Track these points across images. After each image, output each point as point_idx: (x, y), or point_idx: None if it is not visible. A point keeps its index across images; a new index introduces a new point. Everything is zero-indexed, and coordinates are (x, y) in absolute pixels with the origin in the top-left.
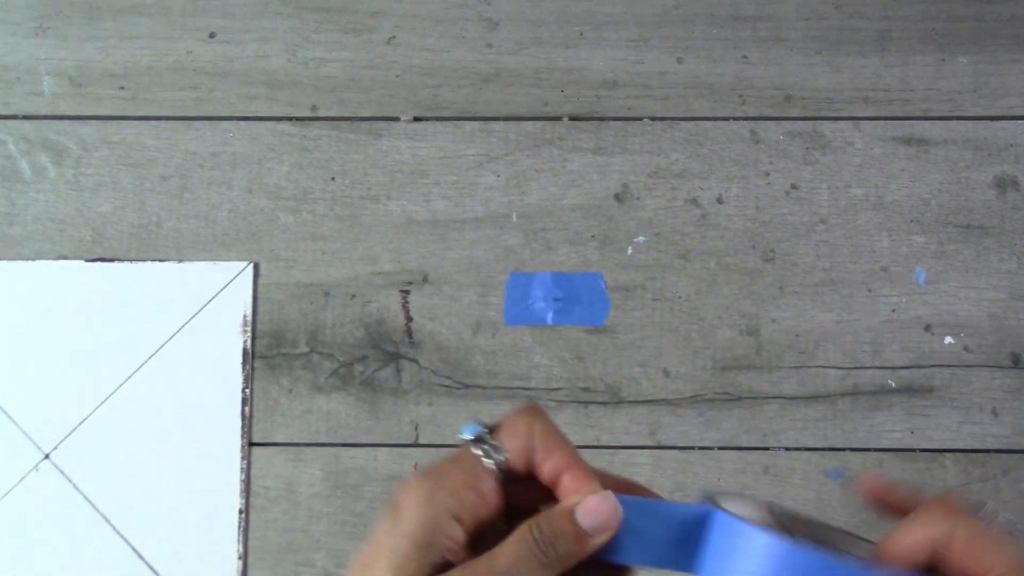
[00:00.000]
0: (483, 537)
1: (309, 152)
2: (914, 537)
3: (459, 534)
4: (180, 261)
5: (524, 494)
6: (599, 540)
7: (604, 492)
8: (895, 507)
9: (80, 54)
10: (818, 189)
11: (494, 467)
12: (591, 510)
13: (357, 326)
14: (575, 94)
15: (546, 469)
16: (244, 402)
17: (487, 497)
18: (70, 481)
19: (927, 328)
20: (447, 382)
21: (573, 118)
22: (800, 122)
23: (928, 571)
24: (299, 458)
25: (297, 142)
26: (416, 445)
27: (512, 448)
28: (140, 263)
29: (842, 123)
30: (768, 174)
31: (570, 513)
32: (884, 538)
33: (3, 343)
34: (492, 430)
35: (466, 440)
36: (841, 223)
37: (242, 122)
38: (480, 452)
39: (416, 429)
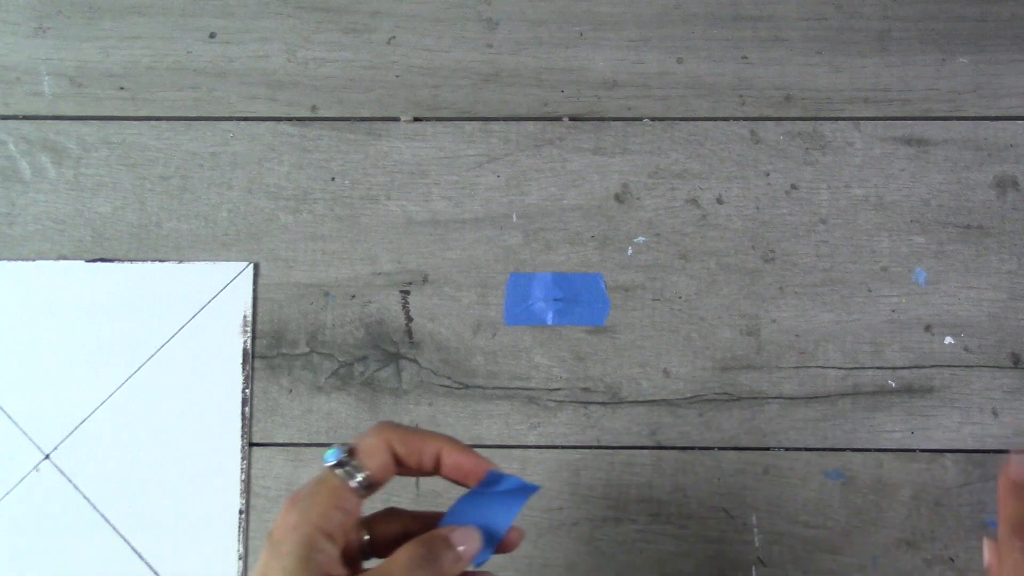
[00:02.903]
0: (353, 553)
1: (309, 152)
2: None
3: (332, 550)
4: (180, 261)
5: (384, 526)
6: (470, 560)
7: (467, 527)
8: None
9: (80, 54)
10: (818, 189)
11: (358, 486)
12: (460, 540)
13: (357, 326)
14: (575, 94)
15: (428, 462)
16: (244, 402)
17: (352, 513)
18: (70, 481)
19: (927, 328)
20: (447, 382)
21: (573, 118)
22: (800, 122)
23: None
24: (299, 458)
25: (297, 142)
26: None
27: (372, 465)
28: (140, 263)
29: (842, 123)
30: (768, 174)
31: (446, 538)
32: None
33: (3, 343)
34: (352, 452)
35: (329, 465)
36: (841, 223)
37: (242, 122)
38: (342, 473)
39: None
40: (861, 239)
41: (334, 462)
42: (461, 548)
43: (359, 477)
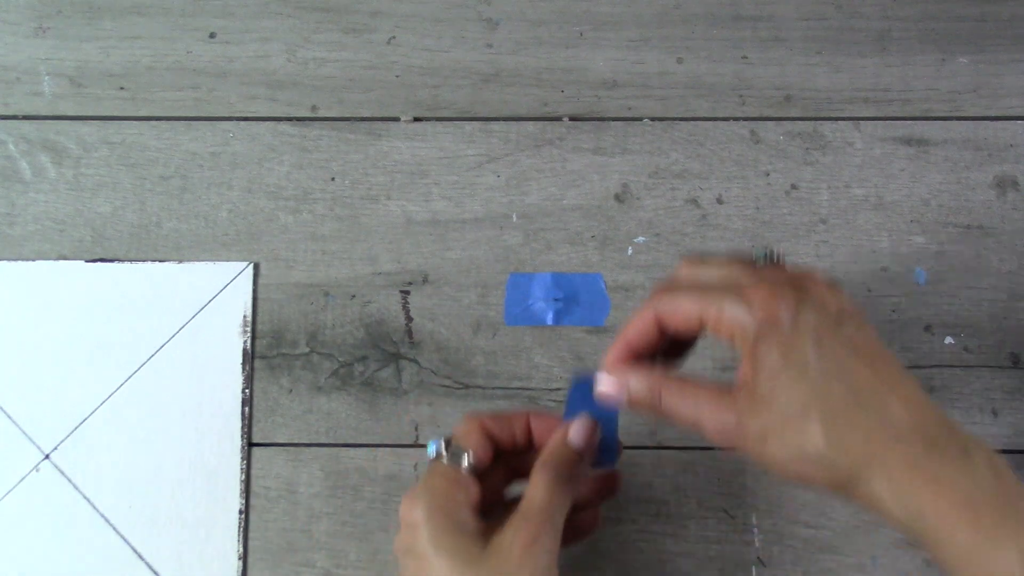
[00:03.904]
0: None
1: (309, 152)
2: (684, 314)
3: (470, 520)
4: (180, 261)
5: (491, 482)
6: (588, 454)
7: (576, 421)
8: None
9: (80, 54)
10: (818, 189)
11: (467, 466)
12: (575, 432)
13: (357, 326)
14: (575, 94)
15: (520, 435)
16: (244, 402)
17: (471, 492)
18: (70, 481)
19: (927, 328)
20: (447, 382)
21: (573, 118)
22: (800, 122)
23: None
24: (299, 458)
25: (297, 142)
26: (416, 445)
27: (472, 445)
28: (140, 263)
29: (842, 123)
30: (768, 174)
31: (563, 439)
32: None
33: (3, 343)
34: (448, 441)
35: (433, 457)
36: (841, 223)
37: (242, 122)
38: (448, 459)
39: (416, 429)
40: (861, 239)
41: (436, 453)
42: (575, 440)
43: (464, 459)
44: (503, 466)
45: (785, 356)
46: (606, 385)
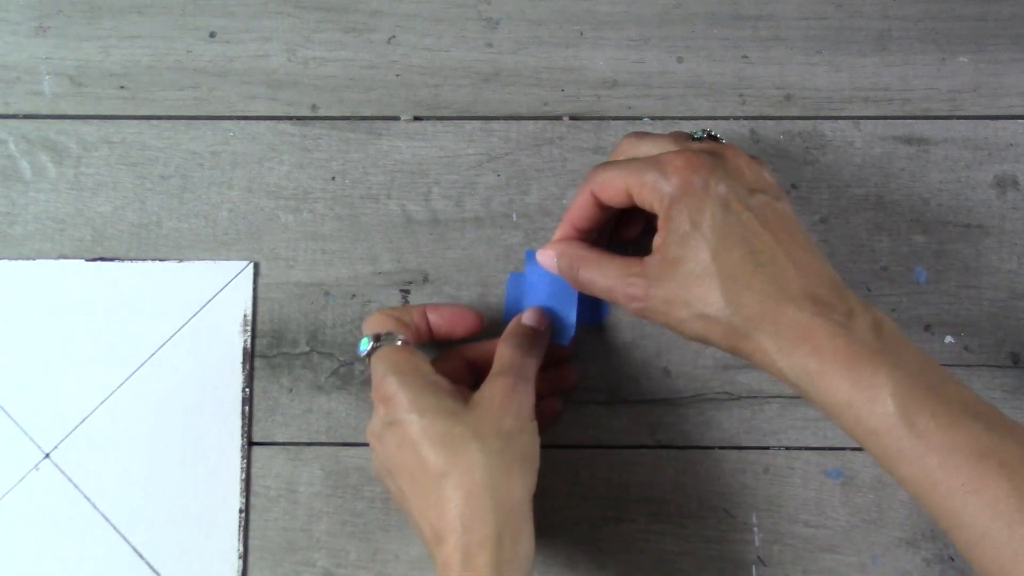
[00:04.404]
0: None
1: (309, 152)
2: (614, 188)
3: (442, 380)
4: (180, 261)
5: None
6: (543, 331)
7: (530, 310)
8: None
9: (80, 53)
10: (818, 189)
11: (404, 341)
12: (527, 316)
13: (358, 325)
14: (575, 94)
15: (419, 322)
16: (244, 402)
17: (426, 360)
18: (70, 481)
19: (927, 328)
20: None
21: (573, 117)
22: (800, 121)
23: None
24: (299, 458)
25: (297, 142)
26: None
27: (394, 329)
28: (140, 263)
29: (842, 123)
30: None
31: (519, 321)
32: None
33: (3, 343)
34: (377, 336)
35: (370, 348)
36: (841, 223)
37: (242, 121)
38: (386, 343)
39: None
40: (861, 238)
41: (371, 345)
42: (529, 321)
43: (398, 340)
44: None
45: (693, 221)
46: (540, 257)
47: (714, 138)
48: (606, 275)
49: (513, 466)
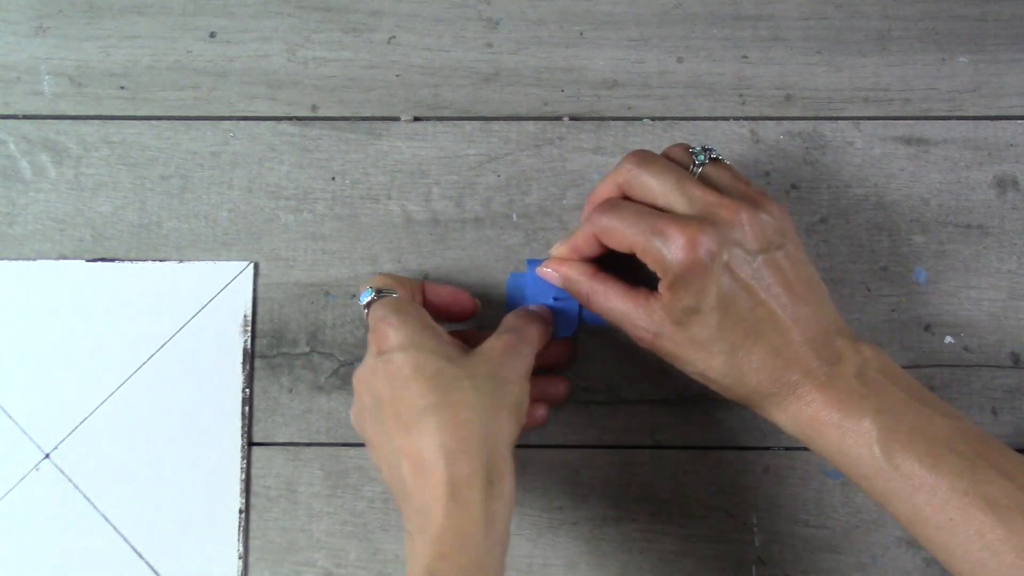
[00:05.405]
0: None
1: (309, 152)
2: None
3: (443, 331)
4: (180, 261)
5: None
6: (547, 320)
7: (535, 306)
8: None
9: (80, 54)
10: (818, 189)
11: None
12: (533, 307)
13: (358, 326)
14: (575, 94)
15: (415, 293)
16: (244, 402)
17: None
18: (70, 481)
19: (927, 328)
20: None
21: (573, 118)
22: (800, 122)
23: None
24: (299, 457)
25: (297, 142)
26: None
27: (393, 287)
28: (140, 263)
29: (842, 123)
30: (768, 174)
31: (515, 314)
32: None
33: (3, 343)
34: (379, 290)
35: (370, 299)
36: (841, 223)
37: (242, 122)
38: (387, 295)
39: None
40: (861, 238)
41: (370, 297)
42: (533, 310)
43: (396, 294)
44: None
45: (697, 298)
46: (547, 274)
47: (715, 159)
48: (612, 312)
49: (502, 410)
